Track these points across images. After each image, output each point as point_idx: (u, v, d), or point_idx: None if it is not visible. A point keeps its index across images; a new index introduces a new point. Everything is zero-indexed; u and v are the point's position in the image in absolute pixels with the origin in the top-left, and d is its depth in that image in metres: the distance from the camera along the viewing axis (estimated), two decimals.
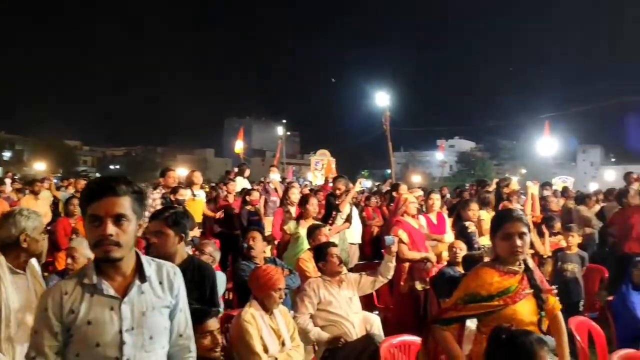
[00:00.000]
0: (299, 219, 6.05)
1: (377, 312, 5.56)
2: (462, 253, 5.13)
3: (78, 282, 1.87)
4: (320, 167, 22.07)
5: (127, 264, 1.89)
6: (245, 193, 8.56)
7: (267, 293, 3.60)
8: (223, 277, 4.67)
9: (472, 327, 2.88)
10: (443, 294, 4.73)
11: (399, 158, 57.89)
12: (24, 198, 9.91)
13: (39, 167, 41.91)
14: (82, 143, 69.46)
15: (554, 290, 2.87)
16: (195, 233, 6.83)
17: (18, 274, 2.72)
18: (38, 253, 2.82)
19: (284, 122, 41.97)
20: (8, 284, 2.64)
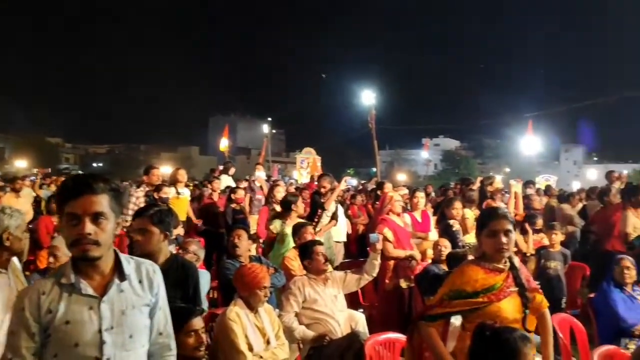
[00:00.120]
0: (284, 218, 6.03)
1: (362, 310, 5.57)
2: (446, 251, 5.16)
3: (56, 281, 1.84)
4: (306, 165, 22.09)
5: (105, 263, 1.87)
6: (231, 191, 8.52)
7: (252, 291, 3.59)
8: (207, 275, 4.65)
9: (456, 323, 2.89)
10: (427, 292, 4.76)
11: (385, 156, 58.11)
12: (5, 196, 9.75)
13: (20, 164, 41.32)
14: (64, 140, 68.66)
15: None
16: (179, 231, 6.78)
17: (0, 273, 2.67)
18: (20, 252, 2.78)
19: (270, 120, 41.82)
20: None
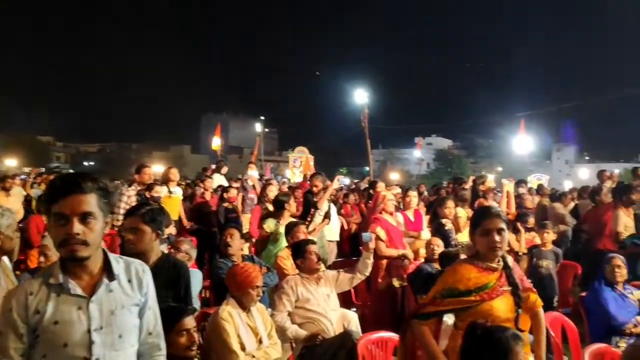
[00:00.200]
0: (277, 217, 6.02)
1: (354, 309, 5.57)
2: (439, 250, 5.17)
3: (44, 282, 1.82)
4: (299, 164, 22.08)
5: (94, 263, 1.86)
6: (223, 190, 8.49)
7: (244, 291, 3.57)
8: (199, 275, 4.63)
9: (449, 322, 2.90)
10: (420, 291, 4.76)
11: (378, 155, 58.17)
12: None
13: (10, 163, 41.03)
14: (55, 139, 68.22)
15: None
16: (171, 230, 6.75)
17: None
18: (10, 251, 2.75)
19: (262, 118, 41.67)
20: None
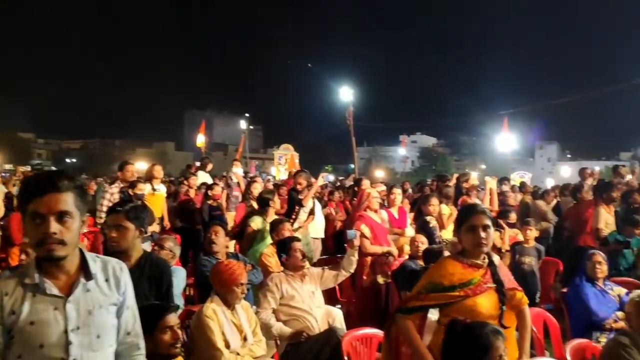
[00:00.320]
0: (263, 215, 6.02)
1: (339, 305, 5.58)
2: (423, 247, 5.21)
3: (19, 282, 1.79)
4: (284, 161, 22.03)
5: (71, 262, 1.83)
6: (207, 187, 8.45)
7: (229, 288, 3.56)
8: (183, 272, 4.59)
9: (433, 318, 2.92)
10: (404, 287, 4.80)
11: (363, 153, 58.31)
12: None
13: None
14: (36, 135, 67.29)
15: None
16: (155, 228, 6.70)
17: None
18: None
19: (247, 115, 41.46)
20: None
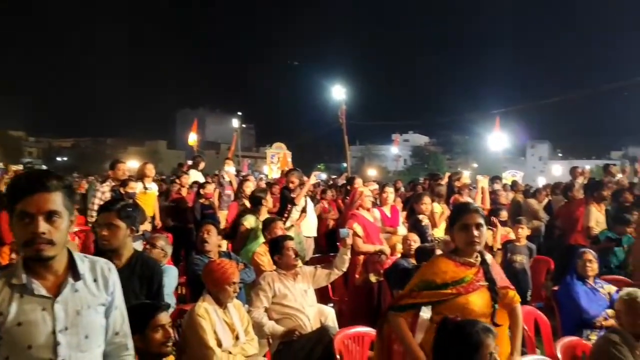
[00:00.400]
0: (256, 214, 6.00)
1: (332, 304, 5.59)
2: (415, 245, 5.21)
3: (6, 282, 1.76)
4: (277, 160, 21.95)
5: (59, 262, 1.81)
6: (199, 186, 8.42)
7: (221, 287, 3.56)
8: (175, 271, 4.57)
9: (425, 316, 2.93)
10: (396, 285, 4.80)
11: (355, 152, 58.33)
12: None
13: None
14: (27, 134, 66.86)
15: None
16: (146, 227, 6.67)
17: None
18: None
19: (240, 114, 41.36)
20: None
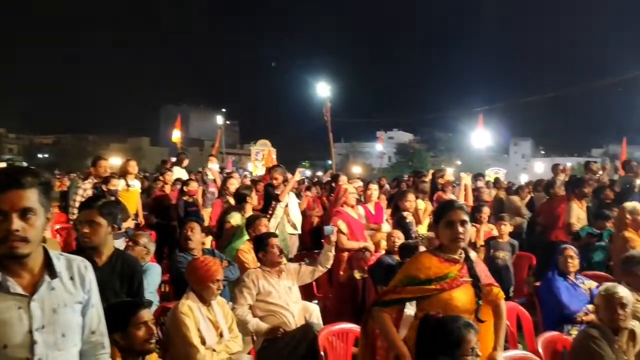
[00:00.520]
0: (240, 211, 5.98)
1: (316, 301, 5.59)
2: (399, 242, 5.24)
3: None
4: (261, 157, 21.91)
5: (34, 260, 1.78)
6: (183, 183, 8.37)
7: (205, 285, 3.54)
8: (158, 269, 4.54)
9: (409, 313, 2.95)
10: (381, 282, 4.82)
11: (340, 149, 58.35)
12: None
13: None
14: (7, 130, 65.79)
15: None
16: (130, 224, 6.61)
17: None
18: None
19: (224, 111, 41.18)
20: None
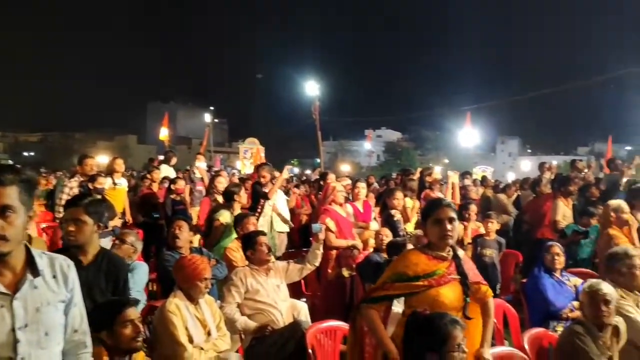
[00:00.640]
0: (228, 209, 5.97)
1: (304, 299, 5.59)
2: (387, 240, 5.26)
3: None
4: (249, 155, 21.82)
5: (16, 259, 1.77)
6: (170, 181, 8.32)
7: (192, 283, 3.53)
8: (145, 267, 4.52)
9: (397, 310, 2.97)
10: (369, 279, 4.84)
11: (329, 147, 58.38)
12: None
13: None
14: None
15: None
16: (116, 222, 6.56)
17: None
18: None
19: (212, 108, 40.95)
20: None
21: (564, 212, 6.65)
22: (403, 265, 2.79)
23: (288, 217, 7.51)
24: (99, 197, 5.35)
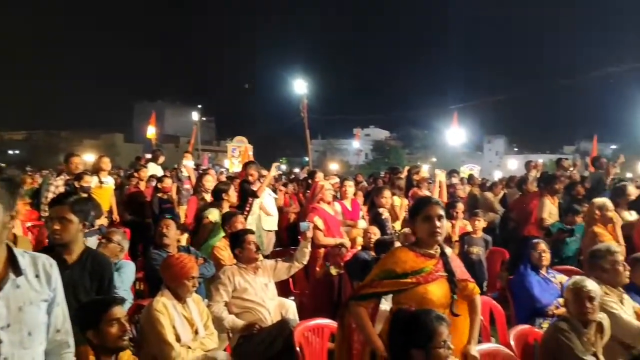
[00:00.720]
0: (217, 208, 5.94)
1: (293, 297, 5.60)
2: (375, 238, 5.27)
3: None
4: (238, 154, 21.75)
5: None
6: (157, 180, 8.28)
7: (180, 282, 3.52)
8: (132, 266, 4.49)
9: (385, 308, 2.98)
10: (357, 277, 4.85)
11: (317, 146, 58.44)
12: None
13: None
14: None
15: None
16: (103, 221, 6.52)
17: None
18: None
19: (199, 107, 40.74)
20: None
21: (550, 210, 6.71)
22: (392, 262, 2.80)
23: (276, 214, 7.51)
24: (85, 195, 5.31)
